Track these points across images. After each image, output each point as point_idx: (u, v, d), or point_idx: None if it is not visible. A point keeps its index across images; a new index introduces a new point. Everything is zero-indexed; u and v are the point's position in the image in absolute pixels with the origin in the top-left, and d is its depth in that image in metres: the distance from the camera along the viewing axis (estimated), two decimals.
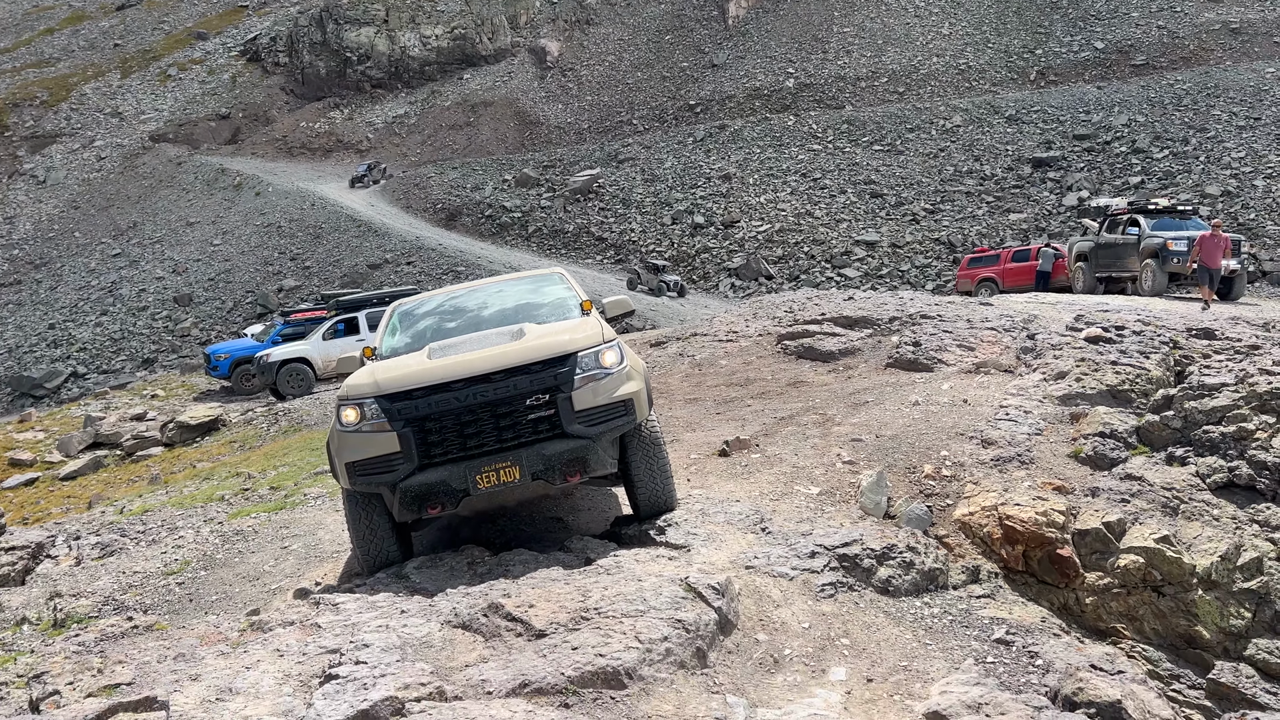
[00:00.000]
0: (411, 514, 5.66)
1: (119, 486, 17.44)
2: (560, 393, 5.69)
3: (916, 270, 39.03)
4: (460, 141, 58.54)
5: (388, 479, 5.61)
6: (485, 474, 5.56)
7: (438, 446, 5.64)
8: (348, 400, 5.81)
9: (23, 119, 63.41)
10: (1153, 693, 4.29)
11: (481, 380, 5.64)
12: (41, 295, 47.42)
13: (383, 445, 5.60)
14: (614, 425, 5.80)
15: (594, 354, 5.84)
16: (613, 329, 6.40)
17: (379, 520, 5.92)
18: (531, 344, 5.91)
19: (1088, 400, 8.90)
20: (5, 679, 4.33)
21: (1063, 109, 46.74)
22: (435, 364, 5.86)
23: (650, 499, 6.24)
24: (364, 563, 6.10)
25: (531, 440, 5.67)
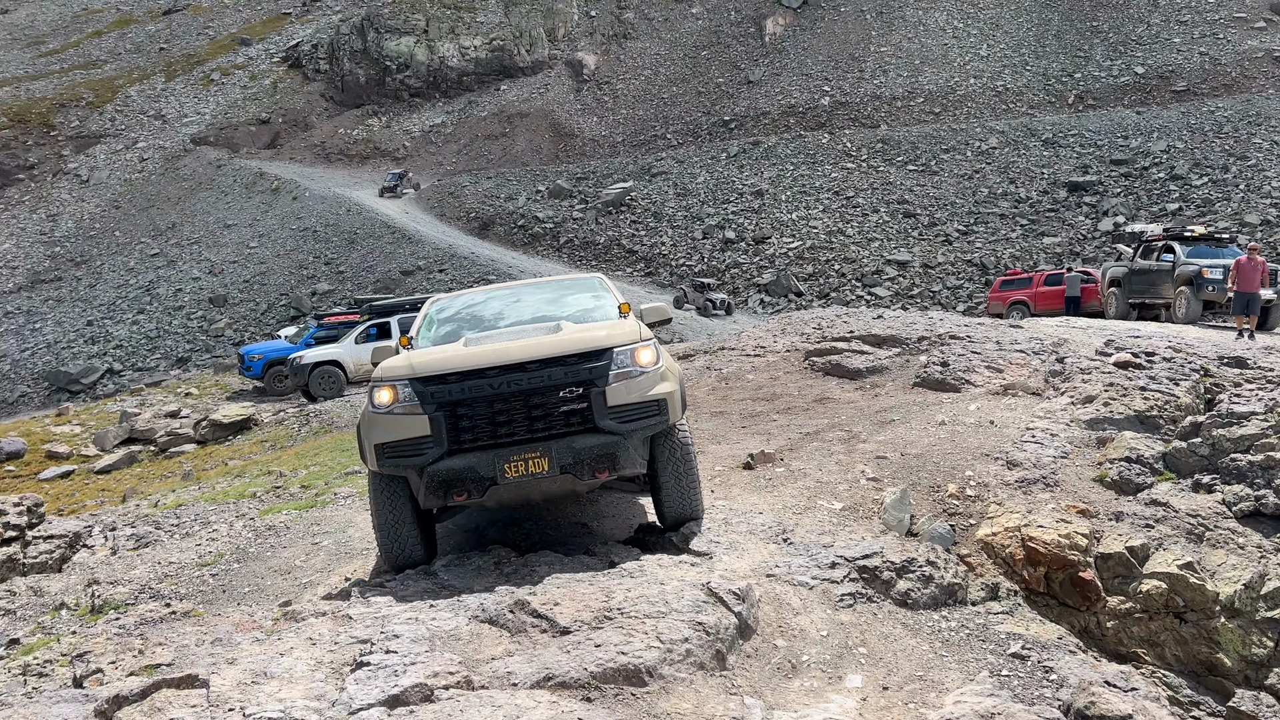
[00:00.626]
0: (437, 500, 5.63)
1: (152, 481, 17.76)
2: (594, 387, 5.65)
3: (948, 291, 38.87)
4: (495, 152, 59.08)
5: (416, 462, 5.59)
6: (514, 463, 5.53)
7: (468, 433, 5.62)
8: (382, 381, 5.79)
9: (69, 119, 64.72)
10: (1165, 709, 4.33)
11: (516, 369, 5.62)
12: (81, 292, 48.31)
13: (413, 428, 5.59)
14: (646, 424, 5.74)
15: (630, 351, 5.81)
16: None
17: (403, 507, 5.88)
18: (568, 337, 5.91)
19: (1115, 425, 8.90)
20: (50, 657, 4.50)
21: (1100, 133, 46.47)
22: (471, 350, 5.87)
23: (676, 505, 6.17)
24: (386, 555, 6.05)
25: (562, 433, 5.64)
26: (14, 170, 60.60)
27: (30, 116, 64.08)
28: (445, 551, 6.37)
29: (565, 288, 7.86)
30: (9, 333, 45.76)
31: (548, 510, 7.10)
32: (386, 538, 5.98)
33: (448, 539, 6.73)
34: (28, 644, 5.35)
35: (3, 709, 3.85)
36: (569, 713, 3.58)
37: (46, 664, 4.42)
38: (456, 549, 6.41)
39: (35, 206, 57.65)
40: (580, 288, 7.77)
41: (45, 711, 3.71)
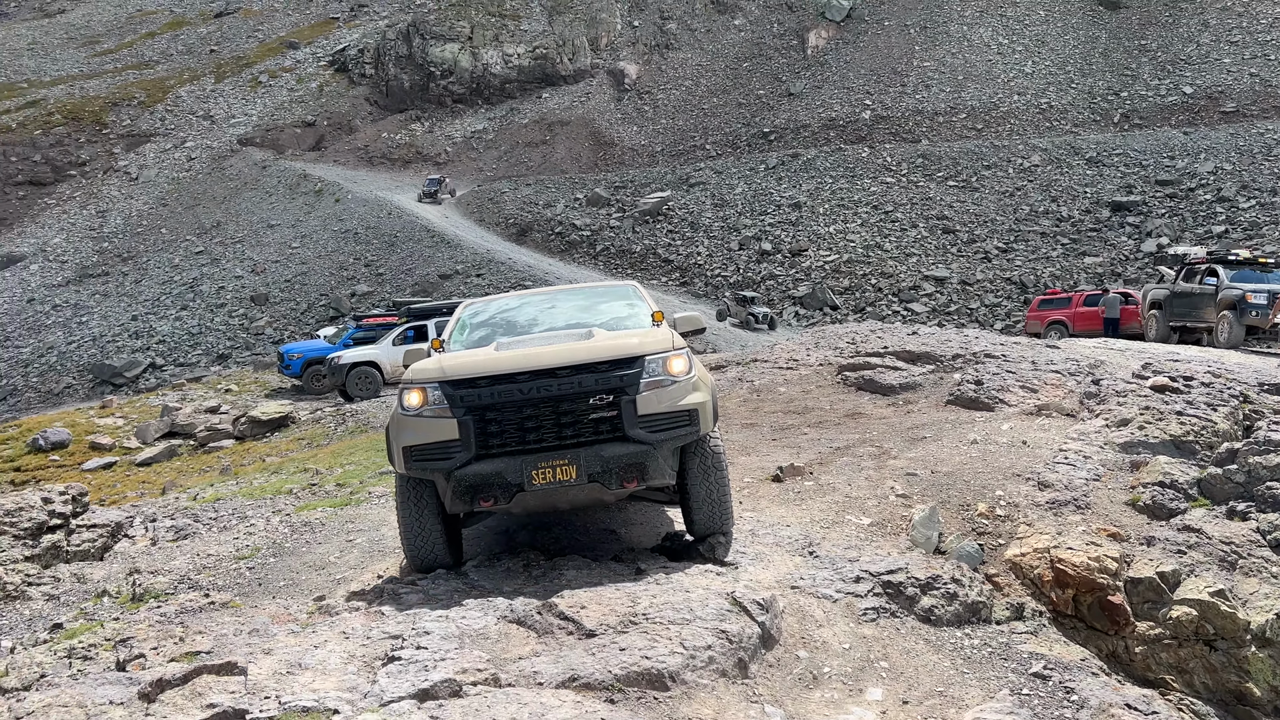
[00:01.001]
0: (464, 505, 5.61)
1: (191, 475, 18.11)
2: (624, 395, 5.59)
3: (986, 309, 38.59)
4: (535, 159, 59.55)
5: (443, 466, 5.55)
6: (541, 470, 5.48)
7: (496, 438, 5.58)
8: (412, 384, 5.77)
9: (120, 118, 66.14)
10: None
11: (546, 375, 5.57)
12: (127, 287, 49.30)
13: (442, 431, 5.56)
14: (676, 434, 5.66)
15: (662, 359, 5.73)
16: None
17: (429, 511, 5.86)
18: (599, 344, 5.85)
19: (1150, 449, 8.82)
20: (94, 641, 4.67)
21: (1146, 153, 45.93)
22: (502, 355, 5.84)
23: (706, 518, 6.04)
24: (410, 558, 6.04)
25: (591, 440, 5.57)
26: (66, 166, 62.02)
27: (84, 114, 65.59)
28: (476, 554, 6.47)
29: (599, 295, 7.82)
30: (56, 325, 46.79)
31: (576, 516, 7.17)
32: (411, 541, 5.98)
33: (478, 541, 6.84)
34: (71, 628, 5.52)
35: (50, 688, 4.02)
36: (592, 713, 3.67)
37: (91, 648, 4.59)
38: (487, 551, 6.52)
39: (86, 202, 58.97)
40: (614, 295, 7.71)
41: (91, 692, 3.87)
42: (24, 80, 73.90)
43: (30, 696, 3.91)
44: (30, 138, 62.56)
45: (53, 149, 62.60)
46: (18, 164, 61.05)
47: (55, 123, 64.24)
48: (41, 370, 42.83)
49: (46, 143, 62.70)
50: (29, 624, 6.44)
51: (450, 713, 3.65)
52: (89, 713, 3.70)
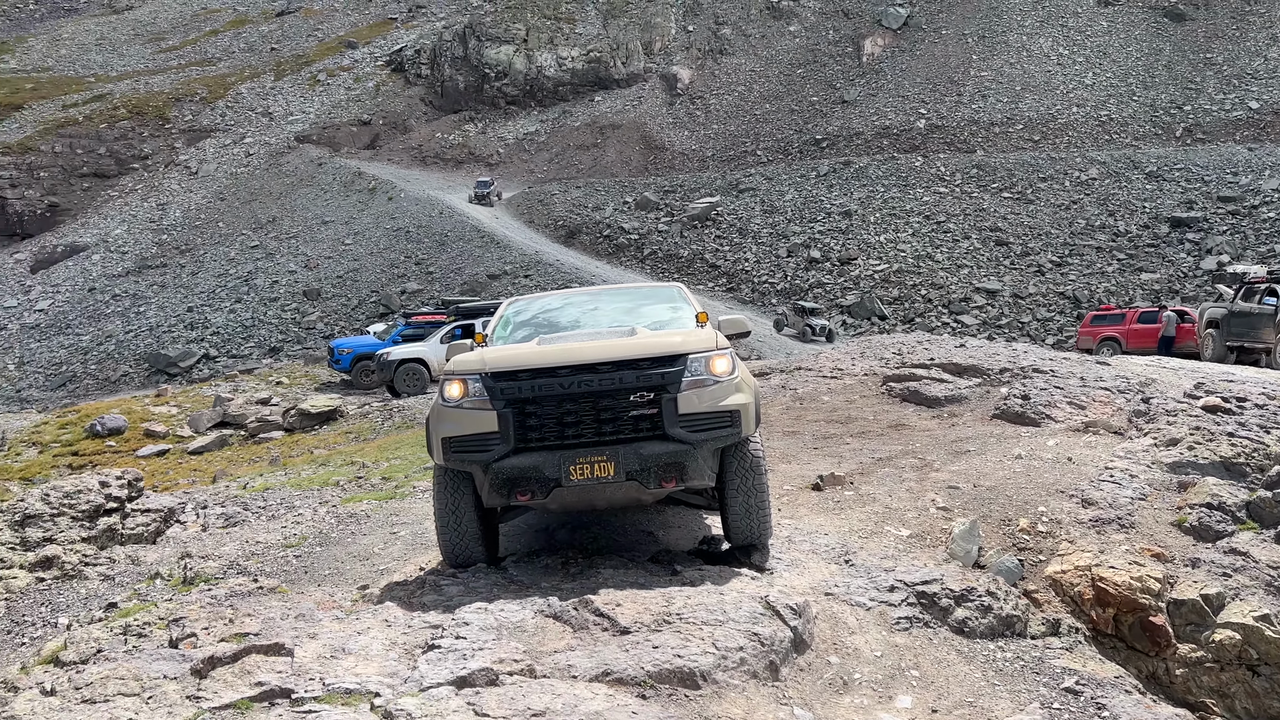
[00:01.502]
0: (500, 499, 5.60)
1: (241, 465, 18.50)
2: (666, 393, 5.53)
3: (1038, 323, 38.05)
4: (586, 161, 59.88)
5: (481, 458, 5.54)
6: (579, 466, 5.44)
7: (535, 431, 5.56)
8: (453, 375, 5.78)
9: (183, 113, 67.69)
10: None
11: (587, 370, 5.54)
12: (184, 279, 50.41)
13: (481, 423, 5.54)
14: (717, 435, 5.58)
15: (705, 359, 5.67)
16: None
17: (465, 504, 5.84)
18: (642, 341, 5.85)
19: (1198, 470, 8.70)
20: (148, 620, 4.85)
21: (1208, 169, 44.98)
22: (544, 349, 5.83)
23: (743, 525, 5.93)
24: (445, 550, 6.03)
25: (630, 438, 5.53)
26: (129, 160, 63.63)
27: (147, 109, 67.24)
28: (516, 550, 6.57)
29: (643, 296, 7.84)
30: (115, 314, 48.00)
31: (615, 517, 7.24)
32: (447, 533, 5.97)
33: (518, 538, 6.95)
34: (126, 608, 5.72)
35: (107, 662, 4.19)
36: (623, 706, 3.75)
37: (145, 626, 4.77)
38: (526, 548, 6.63)
39: (147, 195, 60.44)
40: (658, 296, 7.72)
41: (146, 666, 4.03)
42: (91, 74, 75.98)
43: (88, 669, 4.09)
44: (96, 131, 64.28)
45: (117, 142, 64.26)
46: (83, 156, 62.77)
47: (120, 116, 65.94)
48: (100, 358, 43.96)
49: (111, 136, 64.38)
50: (85, 602, 6.68)
51: (486, 700, 3.76)
52: (144, 685, 3.87)
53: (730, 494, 5.88)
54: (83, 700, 3.78)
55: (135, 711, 3.69)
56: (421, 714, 3.65)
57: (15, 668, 5.00)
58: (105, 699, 3.78)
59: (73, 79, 74.41)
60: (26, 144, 62.66)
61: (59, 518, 7.93)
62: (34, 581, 7.03)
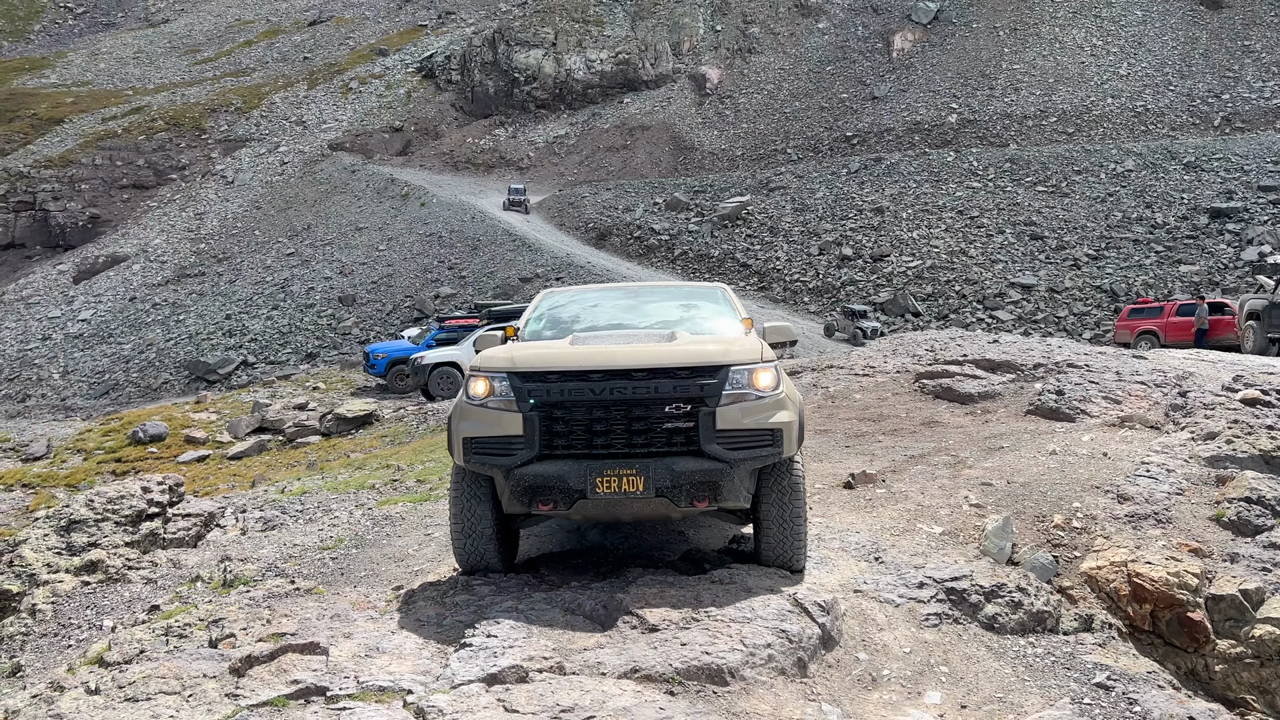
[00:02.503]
0: (521, 506, 5.28)
1: (279, 469, 18.75)
2: (704, 406, 5.19)
3: (1074, 318, 37.61)
4: (616, 163, 60.03)
5: (503, 462, 5.24)
6: (606, 478, 5.10)
7: (561, 438, 5.24)
8: (479, 372, 5.47)
9: (218, 123, 68.77)
10: None
11: (621, 376, 5.21)
12: (221, 287, 51.18)
13: (506, 425, 5.24)
14: (756, 454, 5.21)
15: (748, 371, 5.31)
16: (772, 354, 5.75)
17: (483, 509, 5.56)
18: (681, 348, 5.47)
19: (1237, 464, 8.57)
20: (188, 621, 4.98)
21: (1248, 158, 44.22)
22: (576, 350, 5.51)
23: (778, 550, 5.58)
24: (459, 556, 5.75)
25: (663, 452, 5.19)
26: (168, 170, 64.74)
27: (184, 120, 68.37)
28: (547, 549, 6.63)
29: (685, 295, 7.49)
30: (156, 323, 48.85)
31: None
32: (461, 538, 5.68)
33: (550, 537, 7.01)
34: (168, 610, 5.85)
35: (149, 662, 4.31)
36: (651, 702, 3.79)
37: (186, 627, 4.89)
38: (558, 547, 6.68)
39: (185, 205, 61.46)
40: (701, 296, 7.35)
41: (187, 666, 4.15)
42: (129, 87, 77.38)
43: (131, 668, 4.21)
44: (134, 143, 65.46)
45: (155, 153, 65.40)
46: (123, 168, 63.95)
47: (158, 128, 67.10)
48: (141, 366, 44.76)
49: (149, 147, 65.54)
50: (129, 605, 6.84)
51: (516, 696, 3.82)
52: (184, 684, 3.97)
53: (766, 517, 5.56)
54: (126, 699, 3.89)
55: (176, 709, 3.80)
56: (453, 710, 3.72)
57: (63, 669, 5.14)
58: (147, 697, 3.89)
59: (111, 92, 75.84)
60: (68, 157, 63.96)
61: (103, 523, 8.11)
62: (80, 585, 7.20)
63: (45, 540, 7.73)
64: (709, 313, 6.88)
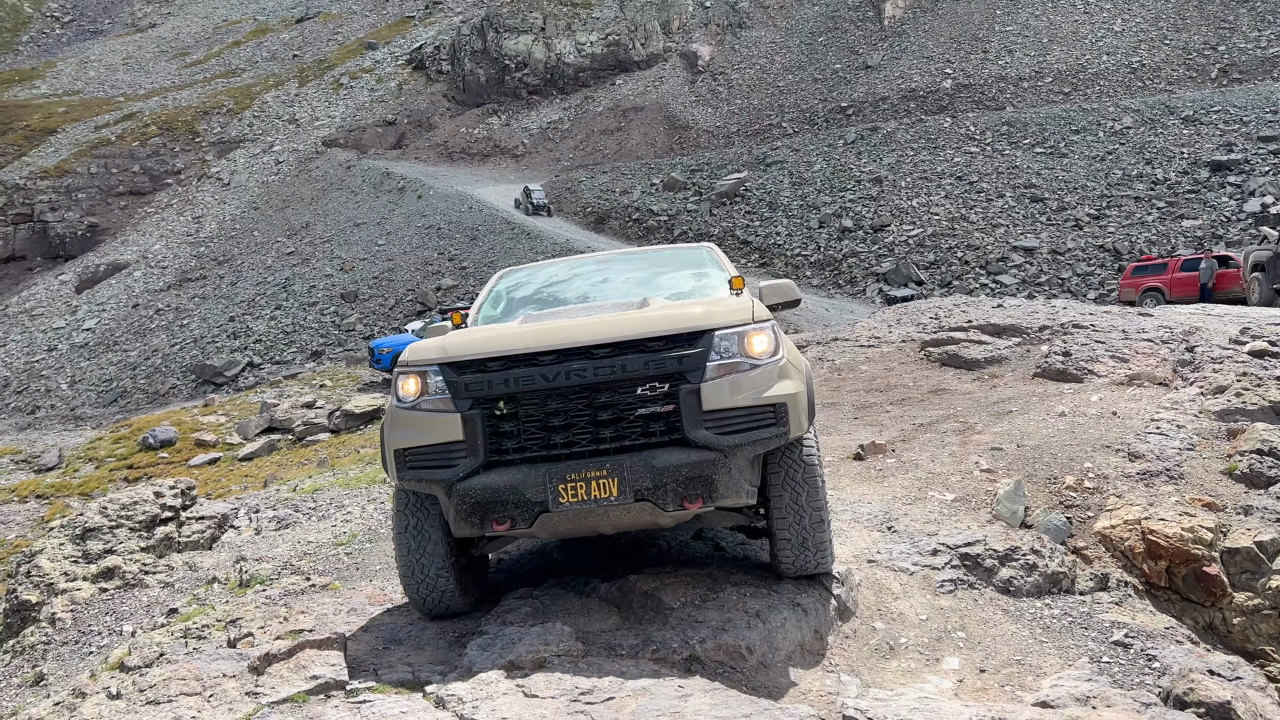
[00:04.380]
0: (472, 528, 4.34)
1: (290, 468, 18.83)
2: (685, 383, 4.26)
3: (1078, 278, 37.43)
4: (611, 146, 59.80)
5: (443, 476, 4.33)
6: (571, 484, 4.21)
7: (512, 439, 4.35)
8: (407, 367, 4.57)
9: (211, 126, 68.62)
10: (1270, 700, 4.25)
11: (579, 355, 4.30)
12: (224, 290, 51.22)
13: (442, 430, 4.35)
14: (757, 437, 4.28)
15: (738, 336, 4.38)
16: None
17: (432, 536, 4.64)
18: (651, 314, 4.53)
19: (1247, 416, 8.55)
20: (207, 622, 5.00)
21: (1247, 109, 43.87)
22: (521, 330, 4.59)
23: (797, 554, 4.66)
24: (409, 594, 4.82)
25: (639, 445, 4.29)
26: (163, 175, 64.68)
27: (177, 124, 68.24)
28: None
29: (666, 260, 6.39)
30: (160, 329, 48.93)
31: None
32: (410, 574, 4.73)
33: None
34: (186, 613, 5.88)
35: (169, 664, 4.34)
36: (670, 681, 3.81)
37: (204, 629, 4.92)
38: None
39: (182, 209, 61.43)
40: (684, 261, 6.30)
41: (206, 666, 4.17)
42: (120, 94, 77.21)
43: (151, 672, 4.24)
44: (129, 149, 65.38)
45: (150, 159, 65.33)
46: (118, 175, 63.90)
47: (151, 134, 67.00)
48: (148, 372, 44.88)
49: (144, 153, 65.46)
50: (147, 610, 6.87)
51: (535, 682, 3.84)
52: (204, 684, 4.00)
53: (778, 515, 4.61)
54: (147, 701, 3.91)
55: (197, 710, 3.82)
56: (472, 699, 3.74)
57: (85, 675, 5.17)
58: (168, 699, 3.92)
59: (103, 100, 75.69)
60: (63, 167, 63.92)
61: (117, 529, 8.14)
62: (97, 592, 7.23)
63: (61, 549, 7.76)
64: (692, 276, 5.98)
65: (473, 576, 5.01)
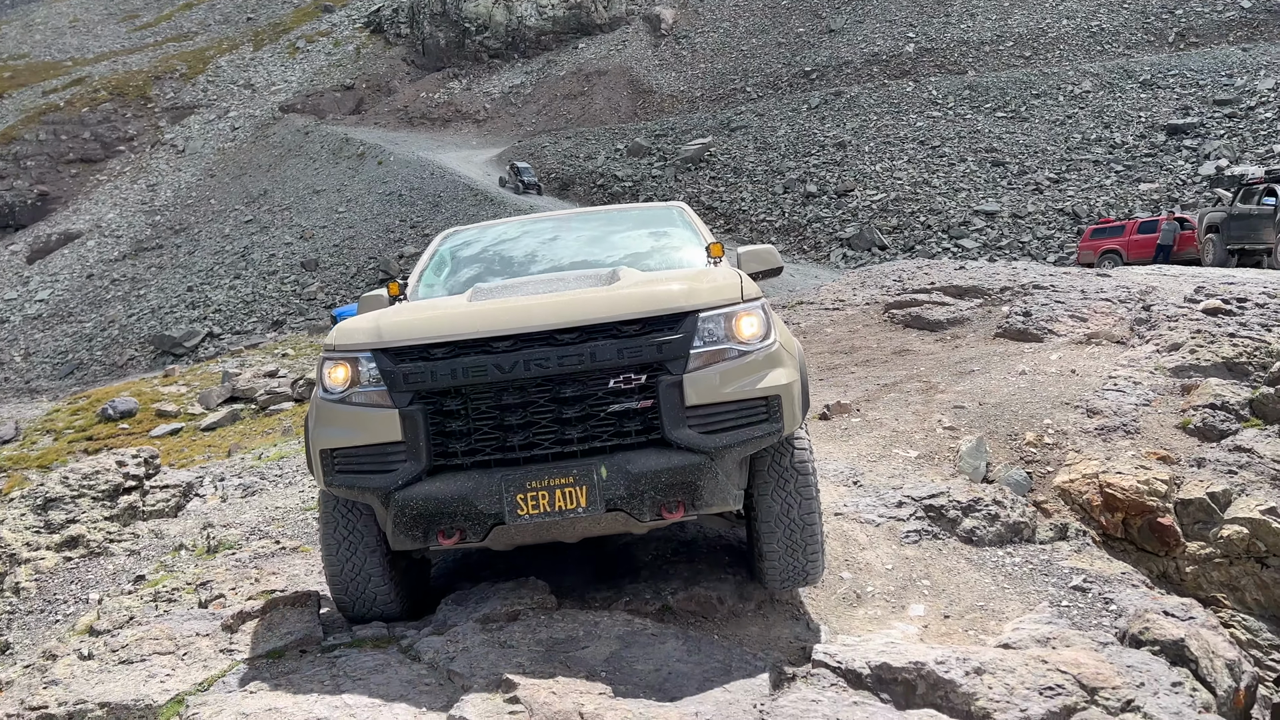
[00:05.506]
0: (412, 541, 3.79)
1: (254, 437, 18.68)
2: (666, 374, 3.72)
3: (1038, 242, 37.90)
4: (574, 111, 59.31)
5: (379, 483, 3.75)
6: (532, 493, 3.67)
7: (461, 440, 3.77)
8: (334, 353, 3.95)
9: (164, 91, 67.12)
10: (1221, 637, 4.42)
11: (541, 341, 3.72)
12: (180, 259, 50.41)
13: (377, 429, 3.75)
14: (747, 436, 3.76)
15: (725, 317, 3.84)
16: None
17: (365, 546, 4.08)
18: (627, 291, 3.92)
19: (1201, 372, 8.77)
20: (177, 585, 4.99)
21: (1203, 72, 44.41)
22: (473, 309, 3.92)
23: (784, 565, 4.16)
24: (339, 603, 4.26)
25: (611, 446, 3.75)
26: (115, 142, 63.24)
27: (128, 89, 66.66)
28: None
29: (632, 220, 5.76)
30: (116, 299, 48.09)
31: None
32: (338, 583, 4.17)
33: None
34: (154, 578, 5.86)
35: (140, 626, 4.33)
36: (642, 629, 3.89)
37: (174, 592, 4.91)
38: None
39: (136, 177, 60.18)
40: (650, 220, 5.68)
41: (178, 627, 4.18)
42: (68, 58, 75.20)
43: (123, 633, 4.24)
44: (78, 115, 63.82)
45: (100, 125, 63.84)
46: (68, 142, 62.40)
47: (101, 99, 65.41)
48: (105, 343, 44.17)
49: (94, 120, 63.94)
50: (114, 577, 6.82)
51: (510, 633, 3.90)
52: (178, 644, 4.01)
53: (765, 526, 4.08)
54: (120, 662, 3.92)
55: (172, 668, 3.83)
56: (448, 651, 3.78)
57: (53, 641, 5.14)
58: (141, 659, 3.92)
59: (50, 64, 73.67)
60: (10, 134, 62.28)
61: (80, 499, 8.05)
62: (62, 561, 7.16)
63: (23, 520, 7.67)
64: (664, 241, 5.32)
65: (413, 579, 4.46)
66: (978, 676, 3.66)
